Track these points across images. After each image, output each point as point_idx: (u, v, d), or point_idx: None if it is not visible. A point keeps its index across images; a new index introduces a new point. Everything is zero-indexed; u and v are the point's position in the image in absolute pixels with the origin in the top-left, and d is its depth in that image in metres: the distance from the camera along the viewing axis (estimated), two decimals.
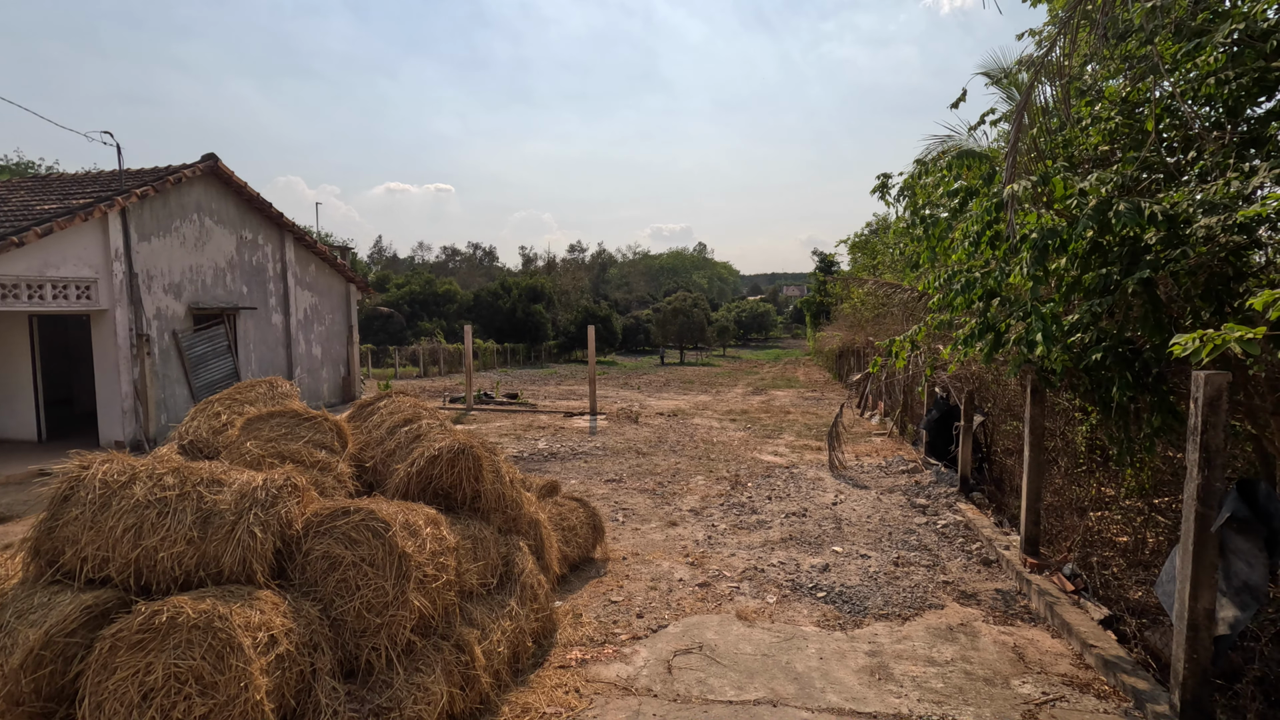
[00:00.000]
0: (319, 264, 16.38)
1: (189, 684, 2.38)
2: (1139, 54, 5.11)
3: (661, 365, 44.76)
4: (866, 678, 4.24)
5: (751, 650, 4.61)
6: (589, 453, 11.74)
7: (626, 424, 15.10)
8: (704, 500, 8.58)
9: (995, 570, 6.17)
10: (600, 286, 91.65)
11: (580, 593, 5.63)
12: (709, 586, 5.76)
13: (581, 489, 9.10)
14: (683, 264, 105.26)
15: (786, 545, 6.85)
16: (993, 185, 5.26)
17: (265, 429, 3.81)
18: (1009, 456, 8.50)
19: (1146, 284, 4.18)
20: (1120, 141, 5.55)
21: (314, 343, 16.23)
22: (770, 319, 76.98)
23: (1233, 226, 3.80)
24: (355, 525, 3.04)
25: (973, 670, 4.32)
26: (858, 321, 20.36)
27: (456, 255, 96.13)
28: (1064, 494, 7.14)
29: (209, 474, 3.01)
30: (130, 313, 11.61)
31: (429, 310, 51.77)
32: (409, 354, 39.16)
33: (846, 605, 5.38)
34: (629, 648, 4.67)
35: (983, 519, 7.42)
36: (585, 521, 6.31)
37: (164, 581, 2.78)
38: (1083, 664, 4.40)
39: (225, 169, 13.27)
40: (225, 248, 13.75)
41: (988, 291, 5.36)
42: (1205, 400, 3.42)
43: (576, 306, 56.05)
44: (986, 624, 5.05)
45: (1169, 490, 6.74)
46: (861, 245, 25.36)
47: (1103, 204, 4.23)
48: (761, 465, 10.72)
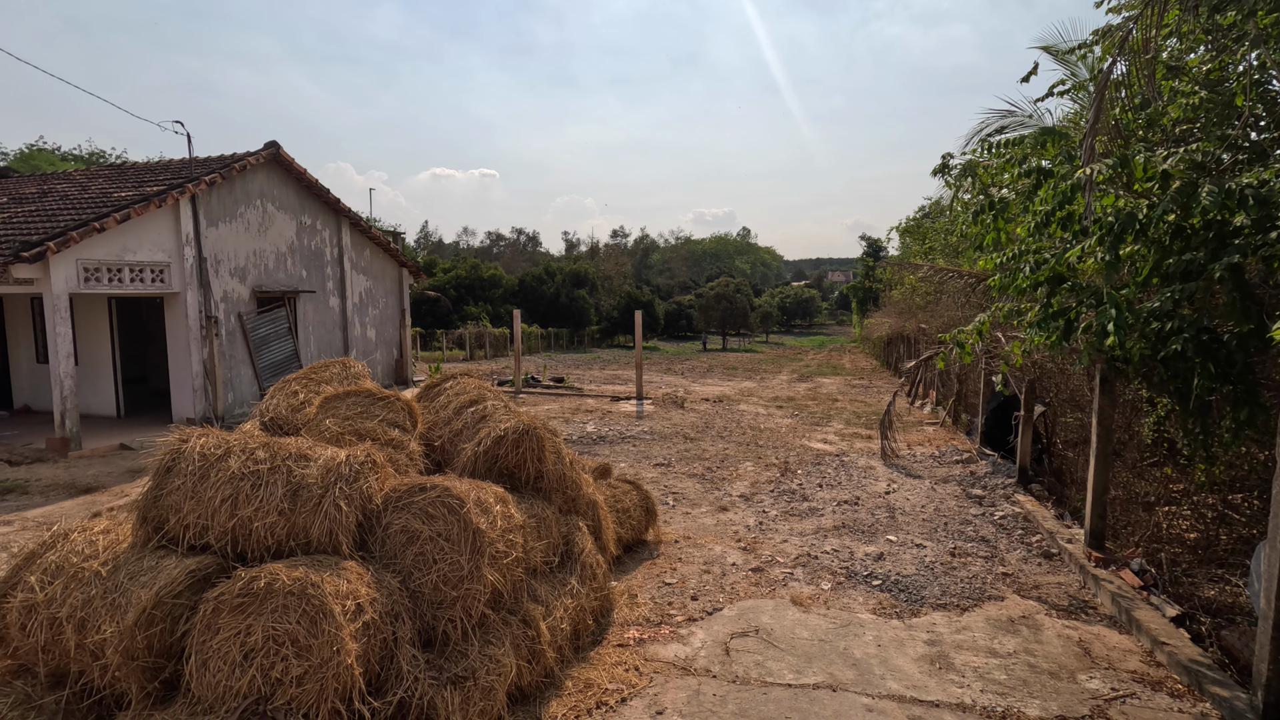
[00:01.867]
0: (373, 249, 16.81)
1: (285, 646, 2.52)
2: (1227, 23, 4.84)
3: (704, 351, 44.62)
4: (927, 666, 4.21)
5: (808, 635, 4.62)
6: (637, 436, 11.83)
7: (672, 409, 15.15)
8: (754, 486, 8.58)
9: (1057, 564, 6.03)
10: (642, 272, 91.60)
11: (635, 574, 5.72)
12: (762, 572, 5.78)
13: (631, 472, 9.19)
14: (725, 249, 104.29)
15: (839, 533, 6.82)
16: (1070, 165, 5.06)
17: (342, 408, 3.98)
18: (1070, 448, 8.25)
19: (1234, 269, 3.99)
20: (1202, 119, 5.28)
21: (368, 325, 16.70)
22: (815, 305, 75.83)
23: None
24: (431, 501, 3.16)
25: (1036, 663, 4.25)
26: (909, 308, 19.90)
27: (501, 240, 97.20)
28: (1129, 488, 6.91)
29: (296, 449, 3.17)
30: (200, 295, 12.14)
31: (475, 295, 52.58)
32: (455, 338, 39.94)
33: (903, 594, 5.34)
34: (685, 629, 4.73)
35: (1043, 511, 7.24)
36: (638, 504, 6.38)
37: (258, 550, 2.95)
38: (1153, 661, 4.29)
39: (286, 156, 13.69)
40: (286, 233, 14.22)
41: (1055, 276, 5.19)
42: None
43: (619, 292, 56.19)
44: (1049, 617, 4.95)
45: (1245, 487, 6.45)
46: (913, 230, 24.69)
47: (1185, 187, 4.04)
48: (811, 453, 10.65)
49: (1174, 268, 4.27)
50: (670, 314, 59.07)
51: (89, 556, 2.88)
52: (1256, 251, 3.88)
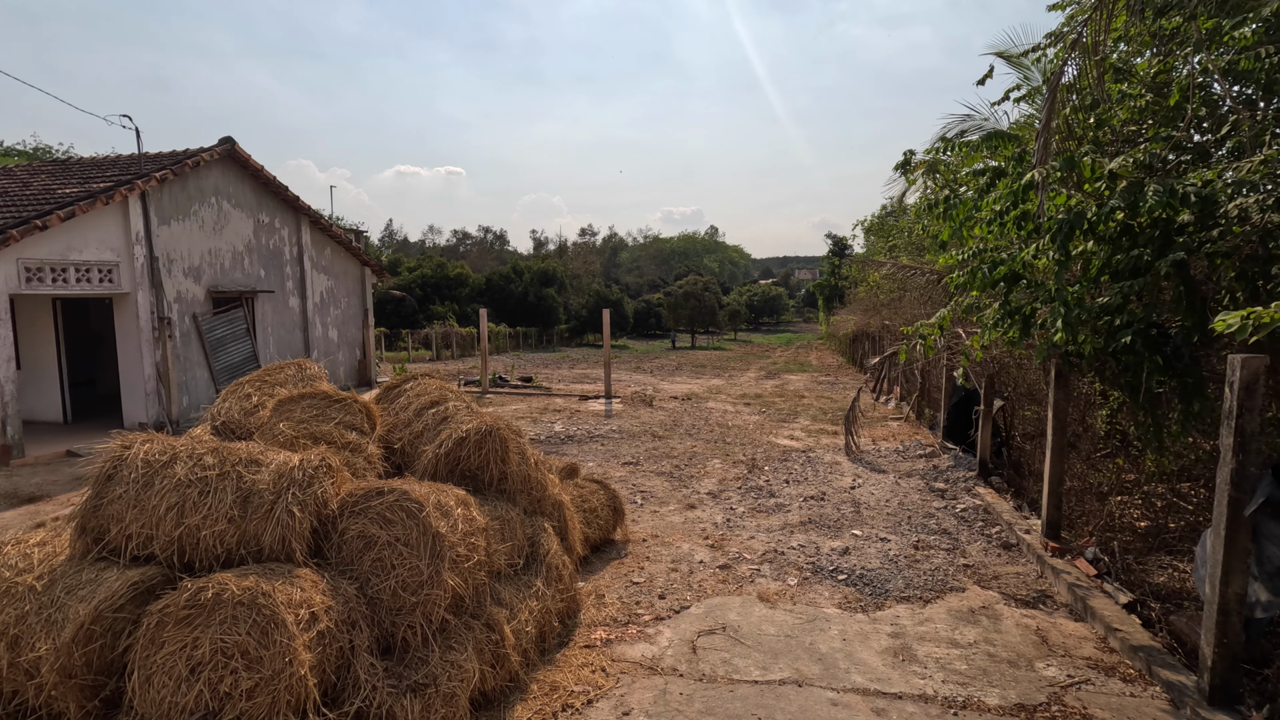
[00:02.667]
0: (334, 247, 16.44)
1: (235, 658, 2.43)
2: (1170, 28, 5.00)
3: (673, 349, 44.73)
4: (890, 659, 4.26)
5: (775, 631, 4.65)
6: (605, 435, 11.79)
7: (641, 407, 15.14)
8: (721, 483, 8.61)
9: (1015, 554, 6.17)
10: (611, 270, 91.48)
11: (602, 574, 5.68)
12: (729, 568, 5.80)
13: (599, 471, 9.15)
14: (694, 247, 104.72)
15: (806, 528, 6.88)
16: (1022, 165, 5.18)
17: (297, 410, 3.86)
18: (1028, 441, 8.46)
19: (1179, 266, 4.12)
20: (1149, 121, 5.45)
21: (330, 326, 16.34)
22: (782, 303, 76.60)
23: (1271, 205, 3.73)
24: (389, 505, 3.08)
25: (996, 652, 4.34)
26: (873, 305, 20.23)
27: (467, 239, 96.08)
28: (1084, 479, 7.11)
29: (247, 454, 3.06)
30: (151, 296, 11.72)
31: (441, 294, 51.88)
32: (421, 337, 39.36)
33: (867, 588, 5.40)
34: (653, 628, 4.71)
35: (1002, 503, 7.41)
36: (606, 504, 6.35)
37: (206, 559, 2.84)
38: (1107, 648, 4.41)
39: (242, 152, 13.30)
40: (243, 231, 13.82)
41: (1012, 274, 5.31)
42: (1241, 384, 3.38)
43: (588, 290, 56.02)
44: (1008, 607, 5.06)
45: (1191, 476, 6.69)
46: (877, 228, 25.09)
47: (1132, 186, 4.16)
48: (778, 449, 10.73)
49: (1123, 263, 4.39)
50: (639, 312, 59.10)
51: (23, 570, 2.74)
52: (1200, 248, 4.01)
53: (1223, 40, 4.73)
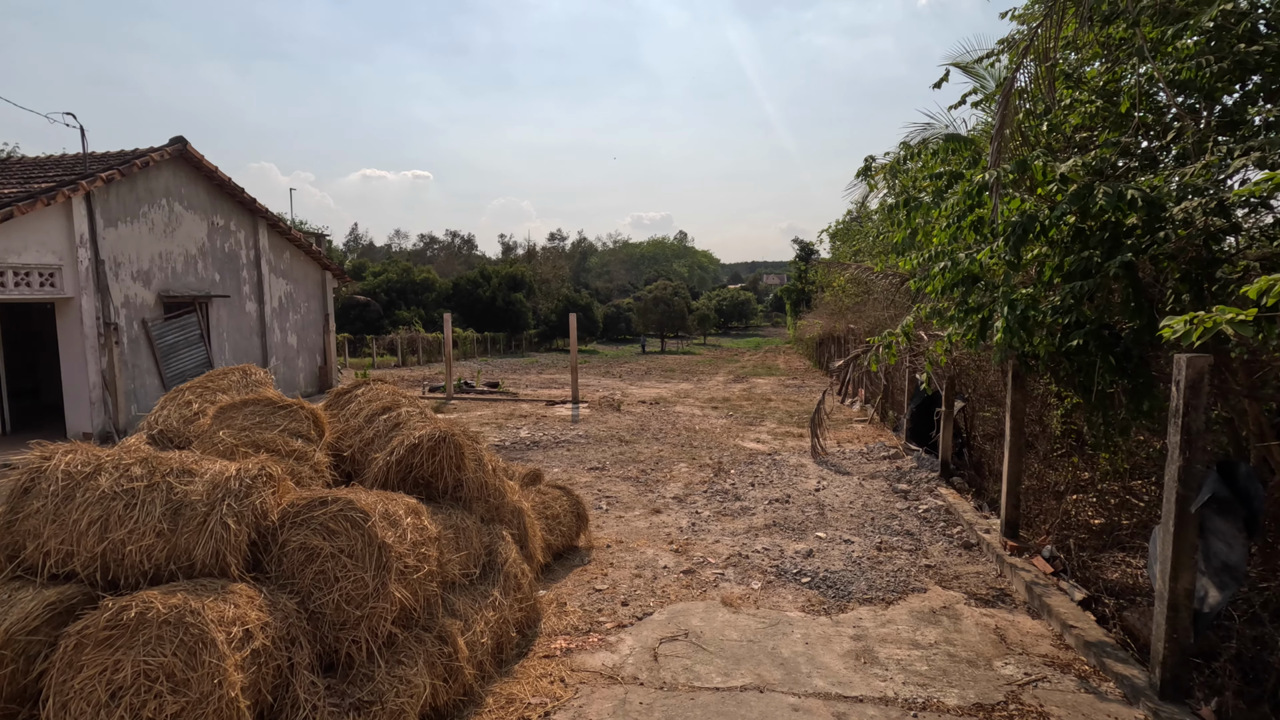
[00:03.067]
0: (294, 251, 16.05)
1: (159, 682, 2.29)
2: (1120, 37, 5.12)
3: (642, 354, 44.73)
4: (852, 662, 4.25)
5: (737, 636, 4.60)
6: (571, 441, 11.67)
7: (609, 412, 15.05)
8: (687, 487, 8.57)
9: (976, 554, 6.24)
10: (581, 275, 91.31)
11: (564, 581, 5.58)
12: (694, 573, 5.75)
13: (564, 477, 9.04)
14: (663, 252, 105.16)
15: (770, 531, 6.86)
16: (977, 169, 5.25)
17: (239, 417, 3.69)
18: (988, 441, 8.59)
19: (1128, 268, 4.20)
20: (1099, 126, 5.57)
21: (289, 331, 15.92)
22: (751, 307, 77.25)
23: (1213, 209, 3.82)
24: (333, 515, 2.95)
25: (956, 652, 4.35)
26: (839, 309, 20.46)
27: (435, 243, 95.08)
28: (1042, 478, 7.23)
29: (179, 464, 2.90)
30: (97, 301, 11.27)
31: (407, 299, 51.14)
32: (387, 343, 38.71)
33: (831, 590, 5.40)
34: (614, 636, 4.63)
35: (963, 503, 7.50)
36: (569, 510, 6.25)
37: (133, 576, 2.68)
38: (1063, 644, 4.46)
39: (195, 153, 12.90)
40: (196, 234, 13.39)
41: (969, 276, 5.37)
42: (1187, 383, 3.44)
43: (557, 295, 55.76)
44: (968, 606, 5.10)
45: (1143, 474, 6.85)
46: (842, 233, 25.43)
47: (1082, 190, 4.23)
48: (744, 452, 10.74)
49: (1074, 264, 4.46)
50: (609, 317, 59.03)
51: None
52: (1147, 251, 4.09)
53: (1166, 50, 4.87)
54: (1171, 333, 2.35)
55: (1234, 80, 4.80)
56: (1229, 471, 3.45)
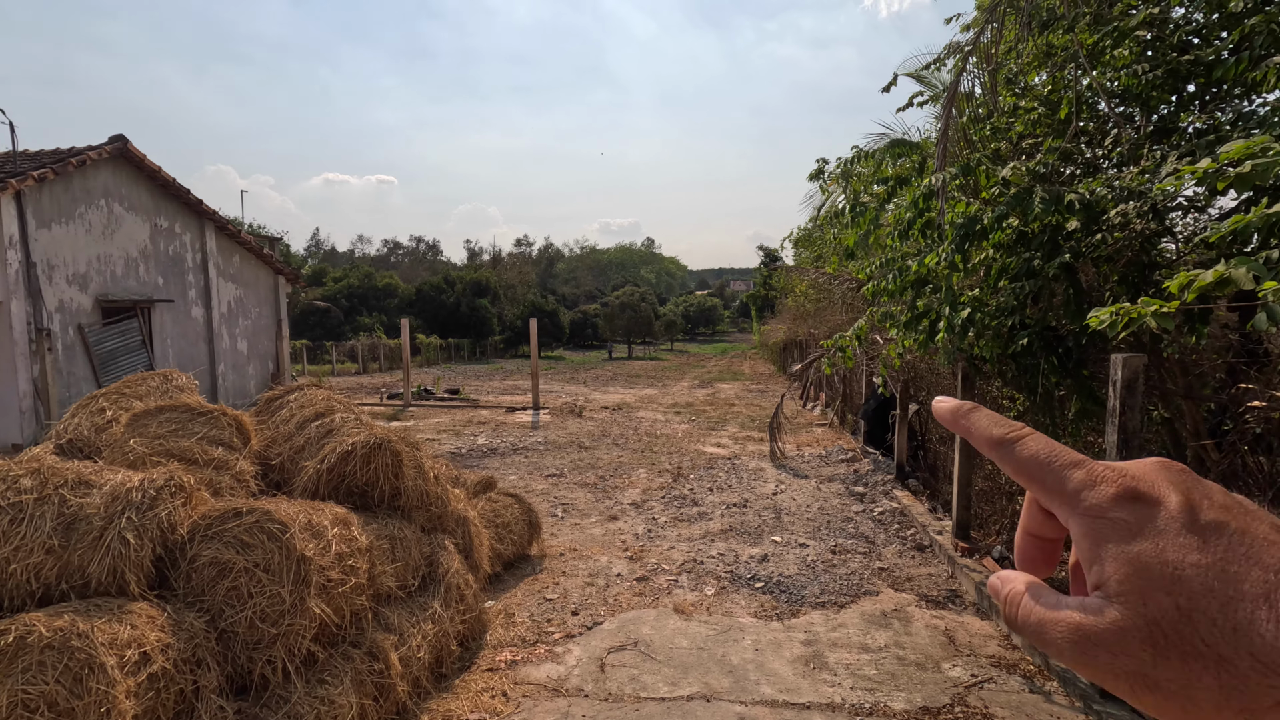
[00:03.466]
0: (244, 254, 15.55)
1: (40, 712, 2.10)
2: (1060, 44, 5.22)
3: (609, 360, 44.60)
4: (801, 668, 4.19)
5: (687, 644, 4.51)
6: (530, 448, 11.49)
7: (570, 418, 14.89)
8: (645, 493, 8.47)
9: (929, 555, 6.26)
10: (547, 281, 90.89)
11: (514, 591, 5.44)
12: (647, 580, 5.65)
13: (521, 485, 8.87)
14: (630, 259, 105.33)
15: (726, 536, 6.81)
16: (924, 174, 5.30)
17: (153, 425, 3.48)
18: (943, 444, 8.69)
19: (1068, 270, 4.25)
20: (1042, 132, 5.67)
21: (239, 337, 15.41)
22: (717, 313, 77.77)
23: (1148, 213, 3.88)
24: (248, 528, 2.78)
25: (905, 656, 4.33)
26: (801, 314, 20.65)
27: (399, 249, 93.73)
28: (993, 479, 7.33)
29: (76, 475, 2.70)
30: (28, 305, 10.73)
31: (369, 305, 50.19)
32: (347, 350, 37.87)
33: (784, 595, 5.35)
34: (562, 646, 4.51)
35: (917, 505, 7.55)
36: (521, 518, 6.11)
37: (19, 596, 2.47)
38: (1010, 644, 4.47)
39: (136, 151, 12.41)
40: (138, 236, 12.88)
41: (919, 279, 5.41)
42: (1123, 382, 3.47)
43: (523, 301, 55.31)
44: (919, 609, 5.09)
45: None
46: (804, 239, 25.69)
47: (1022, 193, 4.28)
48: (704, 457, 10.70)
49: (1016, 267, 4.51)
50: (576, 323, 58.75)
51: None
52: (1085, 253, 4.14)
53: (1104, 60, 4.97)
54: (1098, 324, 2.34)
55: (1168, 89, 4.92)
56: None
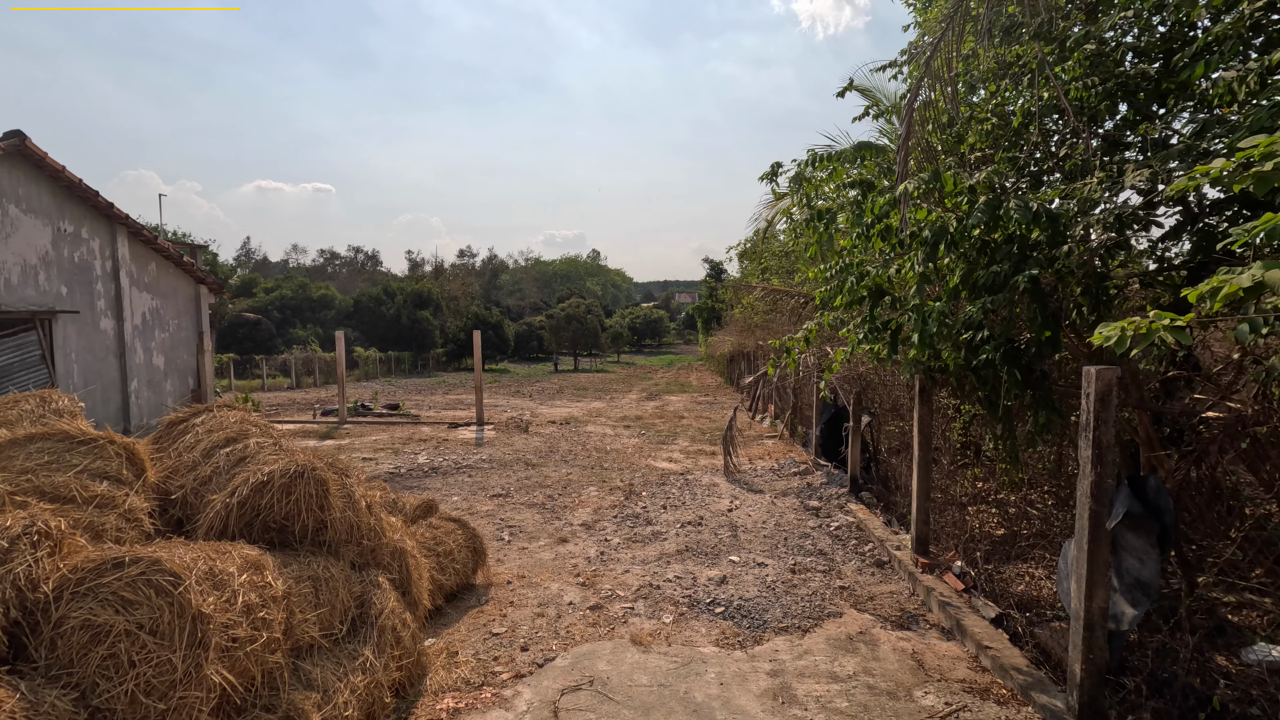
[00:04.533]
0: (161, 262, 14.47)
1: None
2: (1013, 55, 5.22)
3: (555, 372, 43.98)
4: (769, 702, 3.92)
5: (647, 681, 4.19)
6: (474, 466, 10.97)
7: (516, 434, 14.39)
8: (596, 513, 8.12)
9: (889, 572, 6.13)
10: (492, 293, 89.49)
11: (457, 626, 5.00)
12: (601, 609, 5.31)
13: (464, 506, 8.38)
14: (576, 270, 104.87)
15: (683, 557, 6.52)
16: (890, 179, 5.18)
17: (20, 458, 2.94)
18: (894, 455, 8.67)
19: (1034, 281, 4.17)
20: (990, 145, 5.67)
21: (155, 351, 14.30)
22: (664, 325, 78.04)
23: (1113, 224, 3.83)
24: (131, 581, 2.32)
25: (875, 684, 4.12)
26: (748, 326, 20.71)
27: (336, 259, 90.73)
28: (946, 491, 7.30)
29: None
30: None
31: (303, 316, 48.14)
32: (279, 363, 36.10)
33: (745, 620, 5.09)
34: (510, 689, 4.11)
35: (873, 519, 7.45)
36: (464, 544, 5.67)
37: None
38: (979, 667, 4.32)
39: (36, 149, 11.36)
40: (37, 241, 11.78)
41: (876, 289, 5.28)
42: (1097, 395, 3.36)
43: (466, 313, 54.10)
44: (884, 630, 4.92)
45: (1038, 484, 7.02)
46: (750, 253, 25.93)
47: (993, 202, 4.19)
48: (656, 473, 10.41)
49: (983, 279, 4.41)
50: (521, 335, 57.85)
51: None
52: (1051, 265, 4.07)
53: (1055, 71, 4.97)
54: (1104, 340, 2.18)
55: (1116, 101, 4.95)
56: (1139, 486, 3.39)
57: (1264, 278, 1.54)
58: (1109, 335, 2.11)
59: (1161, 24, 4.89)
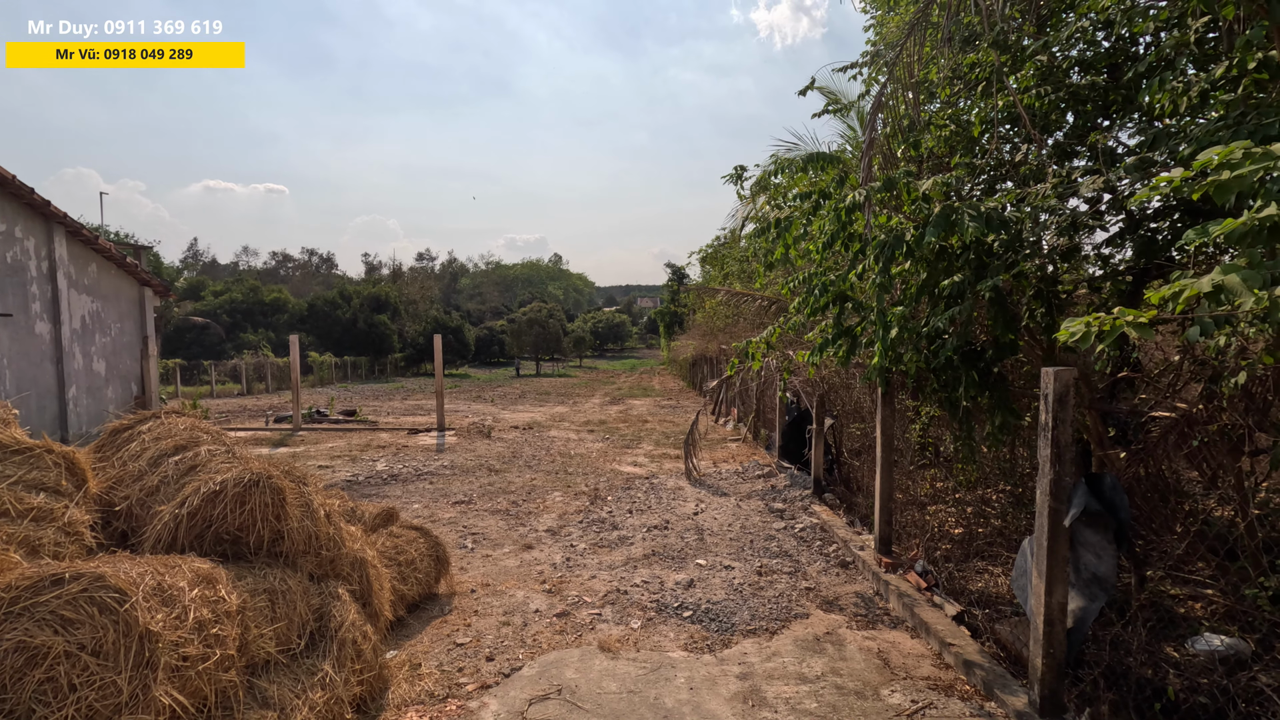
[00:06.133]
0: (102, 264, 13.84)
1: None
2: (969, 64, 5.36)
3: (517, 377, 43.56)
4: (739, 706, 3.92)
5: (616, 688, 4.14)
6: (435, 473, 10.75)
7: (478, 439, 14.17)
8: (561, 518, 8.03)
9: (853, 572, 6.20)
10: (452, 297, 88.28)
11: (420, 637, 4.87)
12: (568, 616, 5.23)
13: (426, 514, 8.20)
14: (538, 275, 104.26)
15: (649, 562, 6.49)
16: (844, 188, 5.27)
17: None
18: (856, 457, 8.80)
19: (994, 289, 4.28)
20: (955, 150, 5.82)
21: (96, 356, 13.65)
22: (626, 330, 78.08)
23: (1068, 228, 3.95)
24: (71, 599, 2.18)
25: (843, 684, 4.15)
26: (710, 330, 20.85)
27: (289, 261, 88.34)
28: (908, 491, 7.45)
29: None
30: None
31: (254, 321, 46.66)
32: (229, 369, 34.89)
33: (714, 623, 5.08)
34: (476, 700, 4.02)
35: (837, 520, 7.54)
36: (426, 553, 5.54)
37: None
38: (943, 663, 4.40)
39: None
40: None
41: (840, 294, 5.36)
42: (1055, 396, 3.45)
43: (425, 317, 53.19)
44: (851, 630, 4.97)
45: (990, 483, 7.22)
46: (712, 258, 26.14)
47: (946, 211, 4.28)
48: (621, 477, 10.37)
49: (946, 289, 4.49)
50: (482, 339, 57.15)
51: None
52: (1011, 270, 4.17)
53: (1010, 79, 5.13)
54: (1069, 336, 2.23)
55: (1067, 109, 5.13)
56: (1095, 483, 3.49)
57: (1223, 281, 1.59)
58: (1074, 330, 2.16)
59: (1106, 39, 5.09)
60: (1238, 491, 3.68)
